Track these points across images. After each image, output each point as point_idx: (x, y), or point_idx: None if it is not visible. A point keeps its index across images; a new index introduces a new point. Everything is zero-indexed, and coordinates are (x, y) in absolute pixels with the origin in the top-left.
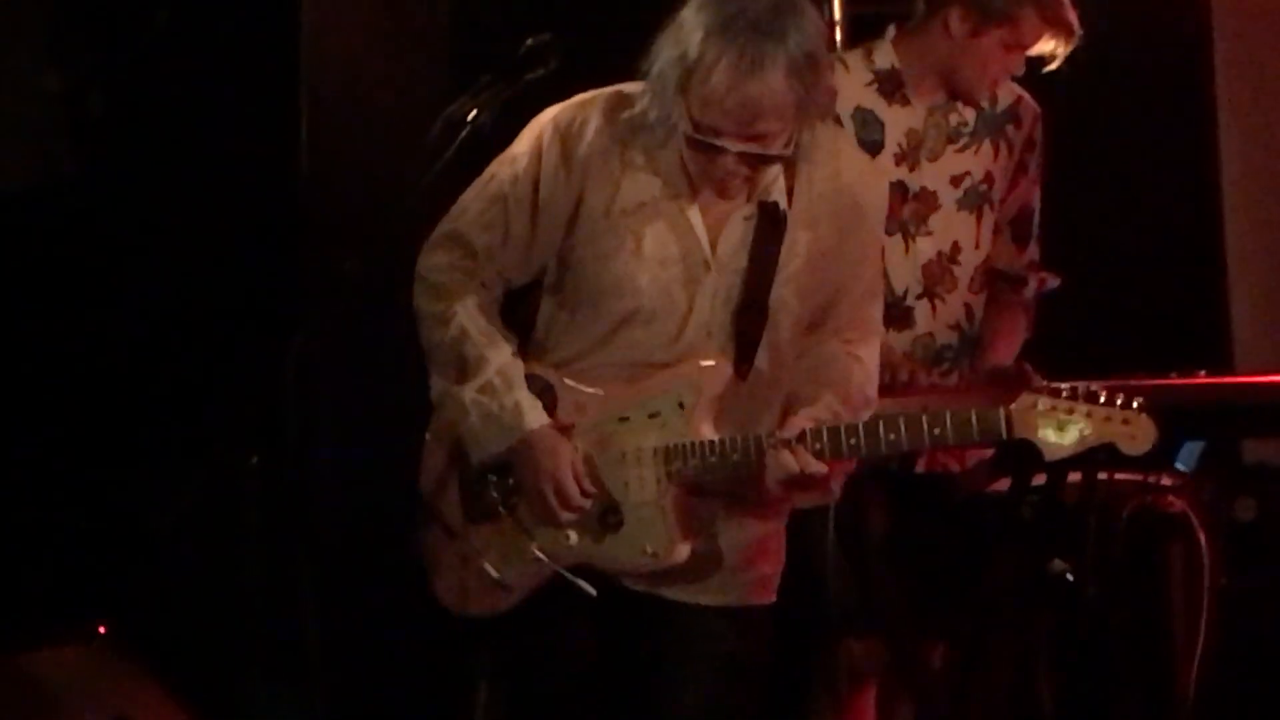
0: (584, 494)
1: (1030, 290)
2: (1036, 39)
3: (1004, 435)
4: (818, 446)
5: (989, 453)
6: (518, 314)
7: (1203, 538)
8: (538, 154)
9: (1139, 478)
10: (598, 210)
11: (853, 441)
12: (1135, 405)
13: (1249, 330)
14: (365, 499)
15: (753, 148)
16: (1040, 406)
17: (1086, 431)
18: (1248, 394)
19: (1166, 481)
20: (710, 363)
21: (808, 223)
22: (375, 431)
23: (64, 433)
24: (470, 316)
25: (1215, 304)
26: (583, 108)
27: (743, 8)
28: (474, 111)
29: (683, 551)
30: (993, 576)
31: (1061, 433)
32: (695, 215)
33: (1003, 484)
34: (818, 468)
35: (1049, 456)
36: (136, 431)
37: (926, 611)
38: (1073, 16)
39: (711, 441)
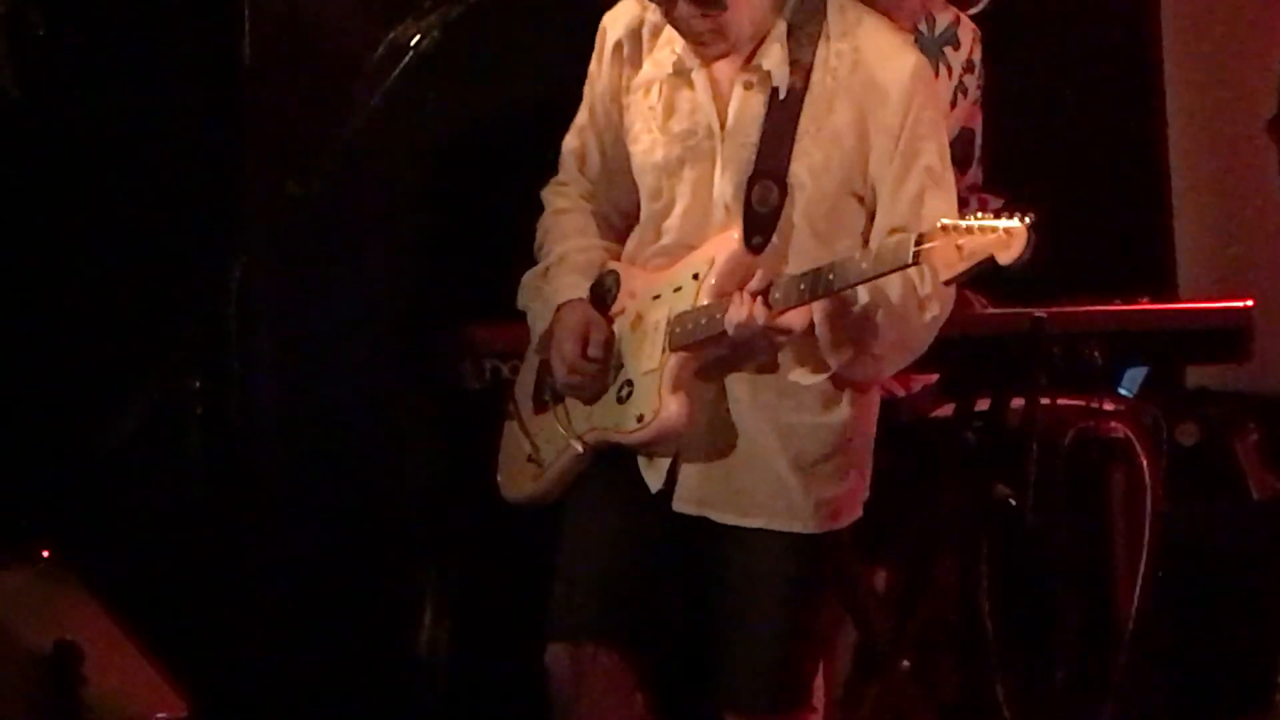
0: (587, 358)
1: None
2: None
3: (910, 260)
4: (776, 295)
5: (934, 378)
6: None
7: (1144, 462)
8: (594, 54)
9: (1082, 403)
10: (627, 93)
11: (802, 287)
12: (1015, 217)
13: (1192, 256)
14: (307, 421)
15: None
16: (937, 233)
17: (973, 247)
18: (1190, 320)
19: (1109, 406)
20: (728, 234)
21: (824, 101)
22: (317, 354)
23: (5, 356)
24: (553, 218)
25: (1159, 229)
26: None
27: None
28: (418, 35)
29: (669, 414)
30: (936, 501)
31: (954, 252)
32: (701, 79)
33: (946, 409)
34: (762, 315)
35: (941, 277)
36: (80, 354)
37: (869, 535)
38: None
39: (703, 305)
